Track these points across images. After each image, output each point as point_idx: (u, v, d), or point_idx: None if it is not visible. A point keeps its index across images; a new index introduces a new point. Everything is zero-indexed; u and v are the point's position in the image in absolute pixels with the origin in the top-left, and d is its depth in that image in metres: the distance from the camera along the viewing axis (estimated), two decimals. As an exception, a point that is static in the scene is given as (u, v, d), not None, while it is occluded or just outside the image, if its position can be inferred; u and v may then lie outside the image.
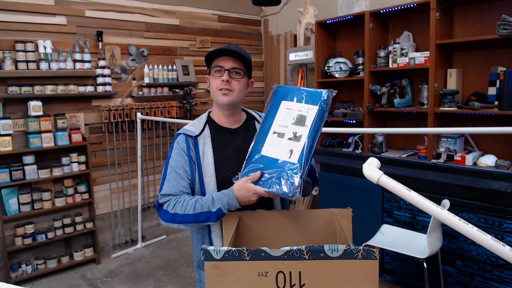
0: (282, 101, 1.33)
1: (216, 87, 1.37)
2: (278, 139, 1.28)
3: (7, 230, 3.27)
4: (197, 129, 1.41)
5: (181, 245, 4.10)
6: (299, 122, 1.28)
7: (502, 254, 0.86)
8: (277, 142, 1.28)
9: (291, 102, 1.32)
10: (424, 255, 2.35)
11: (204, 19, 4.52)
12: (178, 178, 1.35)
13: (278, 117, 1.31)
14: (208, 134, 1.40)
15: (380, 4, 3.46)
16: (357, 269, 0.94)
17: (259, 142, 1.31)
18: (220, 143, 1.40)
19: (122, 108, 3.80)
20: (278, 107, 1.33)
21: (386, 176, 1.07)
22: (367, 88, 3.27)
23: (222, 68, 1.36)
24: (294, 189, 1.19)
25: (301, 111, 1.29)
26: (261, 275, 0.95)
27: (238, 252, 0.94)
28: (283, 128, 1.29)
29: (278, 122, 1.31)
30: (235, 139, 1.42)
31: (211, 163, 1.36)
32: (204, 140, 1.39)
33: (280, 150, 1.26)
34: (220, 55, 1.36)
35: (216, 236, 1.34)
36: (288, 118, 1.30)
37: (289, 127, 1.28)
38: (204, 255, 0.94)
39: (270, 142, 1.29)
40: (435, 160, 2.82)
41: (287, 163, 1.23)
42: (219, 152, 1.39)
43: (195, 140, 1.39)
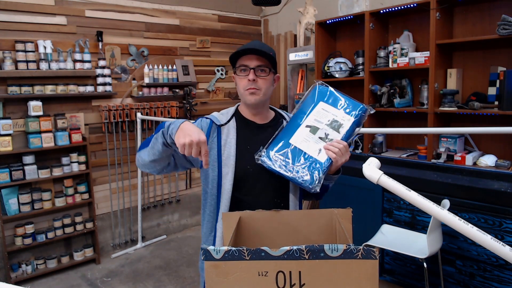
0: (320, 101, 1.35)
1: (243, 87, 1.37)
2: (309, 134, 1.32)
3: (7, 230, 3.27)
4: (224, 119, 1.41)
5: (181, 245, 4.10)
6: (333, 126, 1.32)
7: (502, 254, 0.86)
8: (308, 136, 1.31)
9: (329, 105, 1.34)
10: (424, 255, 2.35)
11: (204, 19, 4.52)
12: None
13: (314, 114, 1.34)
14: (234, 125, 1.40)
15: (380, 4, 3.46)
16: (357, 268, 0.94)
17: (289, 130, 1.34)
18: (245, 135, 1.40)
19: (122, 108, 3.80)
20: (315, 105, 1.35)
21: (386, 176, 1.07)
22: (367, 88, 3.27)
23: (247, 67, 1.35)
24: (317, 183, 1.26)
25: (337, 117, 1.32)
26: (261, 275, 0.95)
27: (238, 252, 0.93)
28: (317, 125, 1.32)
29: (313, 118, 1.33)
30: (261, 133, 1.41)
31: (232, 153, 1.35)
32: (228, 130, 1.39)
33: (309, 145, 1.30)
34: (244, 54, 1.35)
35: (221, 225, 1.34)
36: (323, 118, 1.33)
37: (322, 127, 1.32)
38: (204, 255, 0.94)
39: (300, 133, 1.32)
40: (435, 160, 2.82)
41: (314, 159, 1.28)
42: (243, 145, 1.38)
43: (219, 128, 1.39)
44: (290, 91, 4.21)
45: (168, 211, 4.43)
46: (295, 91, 4.15)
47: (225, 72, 4.74)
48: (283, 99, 4.65)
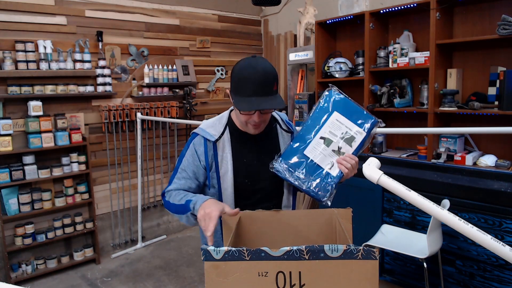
0: (335, 111, 1.35)
1: (246, 121, 1.32)
2: (324, 146, 1.34)
3: (7, 230, 3.27)
4: (216, 132, 1.37)
5: (181, 245, 4.10)
6: (346, 139, 1.34)
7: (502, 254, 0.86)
8: (322, 149, 1.34)
9: (343, 117, 1.35)
10: (424, 255, 2.35)
11: (204, 19, 4.52)
12: (187, 179, 1.38)
13: (328, 124, 1.35)
14: (228, 138, 1.38)
15: (380, 4, 3.46)
16: (357, 269, 0.94)
17: (304, 139, 1.35)
18: (240, 148, 1.39)
19: (122, 108, 3.80)
20: (330, 115, 1.35)
21: (386, 176, 1.07)
22: (367, 88, 3.27)
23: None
24: (330, 196, 1.31)
25: (350, 130, 1.34)
26: (261, 275, 0.95)
27: (238, 252, 0.93)
28: (331, 138, 1.34)
29: (327, 129, 1.34)
30: (254, 145, 1.41)
31: (230, 169, 1.35)
32: (223, 145, 1.37)
33: (323, 158, 1.33)
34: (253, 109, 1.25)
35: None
36: (337, 131, 1.34)
37: (336, 140, 1.34)
38: (204, 255, 0.94)
39: (315, 145, 1.34)
40: (435, 160, 2.82)
41: (327, 172, 1.32)
42: (239, 158, 1.38)
43: (214, 144, 1.36)
44: (290, 91, 4.21)
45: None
46: (295, 91, 4.15)
47: (225, 72, 4.74)
48: (283, 99, 4.64)
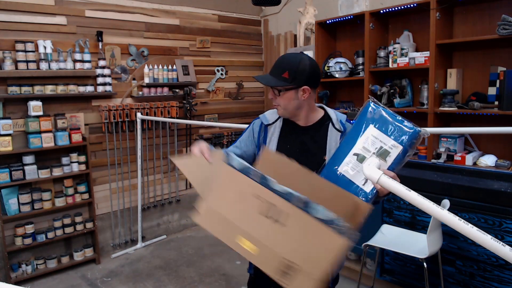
0: (370, 125, 1.32)
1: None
2: (356, 163, 1.31)
3: (7, 230, 3.27)
4: (272, 118, 1.59)
5: (181, 245, 4.10)
6: (381, 154, 1.29)
7: (502, 254, 0.86)
8: (355, 165, 1.31)
9: (378, 131, 1.30)
10: (424, 255, 2.35)
11: (204, 19, 4.52)
12: (237, 148, 1.63)
13: (362, 140, 1.32)
14: (279, 125, 1.57)
15: (380, 4, 3.46)
16: (326, 238, 1.02)
17: (339, 157, 1.35)
18: (287, 135, 1.56)
19: (122, 108, 3.80)
20: (365, 129, 1.32)
21: (386, 176, 1.07)
22: (367, 88, 3.27)
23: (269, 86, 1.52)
24: None
25: (385, 145, 1.28)
26: (255, 197, 1.09)
27: (249, 169, 1.10)
28: (364, 154, 1.31)
29: (361, 145, 1.31)
30: (301, 135, 1.55)
31: (273, 150, 1.53)
32: (274, 130, 1.57)
33: (356, 174, 1.31)
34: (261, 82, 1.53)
35: None
36: (371, 146, 1.30)
37: (370, 155, 1.30)
38: (226, 154, 1.18)
39: (348, 161, 1.33)
40: (435, 160, 2.82)
41: (360, 188, 1.30)
42: (283, 144, 1.55)
43: (266, 128, 1.59)
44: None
45: (168, 211, 4.43)
46: (295, 91, 4.15)
47: (225, 72, 4.74)
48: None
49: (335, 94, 3.85)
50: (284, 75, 1.45)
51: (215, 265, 3.61)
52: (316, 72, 1.49)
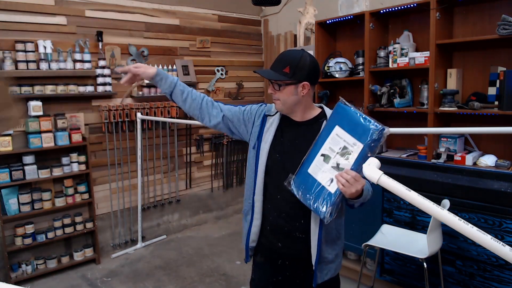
0: (336, 125, 1.34)
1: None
2: (323, 163, 1.34)
3: (7, 230, 3.27)
4: (273, 111, 1.63)
5: (181, 245, 4.10)
6: (343, 154, 1.31)
7: (502, 254, 0.86)
8: (322, 165, 1.35)
9: (343, 130, 1.32)
10: (424, 255, 2.35)
11: (204, 19, 4.52)
12: (230, 108, 1.70)
13: (329, 140, 1.35)
14: (278, 119, 1.60)
15: (380, 4, 3.46)
16: None
17: (310, 157, 1.39)
18: (282, 129, 1.59)
19: (122, 108, 3.80)
20: (331, 130, 1.35)
21: (386, 176, 1.07)
22: (367, 88, 3.27)
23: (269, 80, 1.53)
24: (328, 215, 1.31)
25: (348, 144, 1.30)
26: None
27: None
28: (329, 154, 1.34)
29: (328, 145, 1.35)
30: (295, 130, 1.58)
31: (269, 141, 1.57)
32: (272, 121, 1.60)
33: (322, 175, 1.34)
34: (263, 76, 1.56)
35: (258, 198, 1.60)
36: (336, 146, 1.33)
37: (335, 156, 1.33)
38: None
39: (316, 163, 1.36)
40: (435, 160, 2.82)
41: (326, 189, 1.33)
42: (278, 136, 1.58)
43: (265, 118, 1.63)
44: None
45: (168, 211, 4.42)
46: (295, 91, 4.15)
47: (225, 72, 4.74)
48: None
49: (335, 94, 3.85)
50: (285, 70, 1.47)
51: (215, 265, 3.61)
52: (316, 69, 1.52)
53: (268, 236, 1.61)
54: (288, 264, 1.60)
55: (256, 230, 1.61)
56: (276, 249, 1.59)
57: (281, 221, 1.56)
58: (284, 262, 1.60)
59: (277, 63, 1.51)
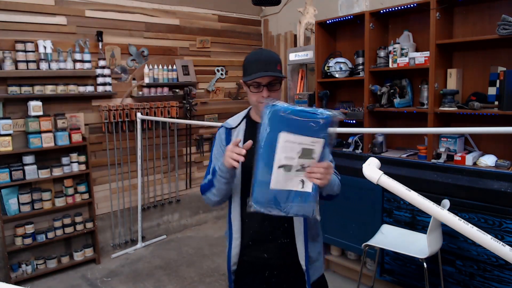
0: (281, 132, 1.20)
1: (257, 100, 1.47)
2: (286, 173, 1.25)
3: (7, 230, 3.27)
4: (234, 123, 1.57)
5: (181, 245, 4.10)
6: (305, 155, 1.24)
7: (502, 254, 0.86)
8: (286, 175, 1.25)
9: (292, 134, 1.20)
10: (424, 255, 2.35)
11: (204, 19, 4.52)
12: (218, 162, 1.54)
13: (280, 150, 1.22)
14: (243, 128, 1.55)
15: (380, 4, 3.46)
16: None
17: (263, 173, 1.24)
18: (250, 135, 1.49)
19: (122, 108, 3.80)
20: (276, 139, 1.20)
21: (386, 176, 1.07)
22: (367, 88, 3.27)
23: (260, 84, 1.44)
24: (315, 213, 1.28)
25: (305, 145, 1.22)
26: None
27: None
28: (289, 163, 1.24)
29: (281, 156, 1.22)
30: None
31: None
32: (238, 132, 1.55)
33: (291, 183, 1.26)
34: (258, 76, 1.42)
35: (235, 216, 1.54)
36: (292, 152, 1.22)
37: (295, 160, 1.24)
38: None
39: (277, 176, 1.24)
40: (435, 160, 2.82)
41: (301, 192, 1.27)
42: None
43: (230, 131, 1.56)
44: (290, 91, 4.21)
45: (168, 211, 4.42)
46: (295, 91, 4.15)
47: (225, 72, 4.74)
48: (283, 99, 4.65)
49: (335, 94, 3.85)
50: (278, 68, 1.45)
51: (215, 265, 3.61)
52: None
53: (251, 251, 1.54)
54: (277, 273, 1.54)
55: (237, 250, 1.54)
56: (262, 262, 1.53)
57: (265, 229, 1.50)
58: (272, 272, 1.54)
59: (270, 63, 1.44)
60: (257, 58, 1.46)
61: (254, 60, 1.46)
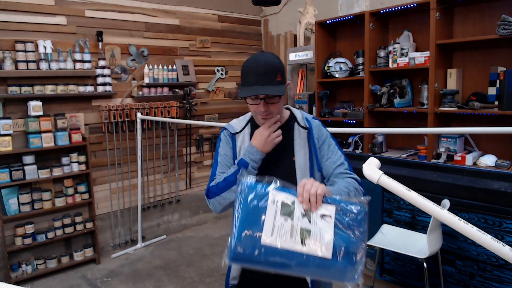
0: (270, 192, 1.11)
1: (255, 111, 1.39)
2: (285, 221, 1.08)
3: (7, 230, 3.27)
4: (238, 127, 1.49)
5: (181, 245, 4.10)
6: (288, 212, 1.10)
7: (502, 254, 0.86)
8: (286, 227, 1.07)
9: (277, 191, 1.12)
10: (424, 255, 2.35)
11: (204, 19, 4.52)
12: (228, 166, 1.44)
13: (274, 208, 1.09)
14: (248, 132, 1.46)
15: (380, 4, 3.46)
16: None
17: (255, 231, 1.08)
18: None
19: (122, 108, 3.80)
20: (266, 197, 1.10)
21: (386, 176, 1.07)
22: (367, 88, 3.27)
23: (257, 97, 1.33)
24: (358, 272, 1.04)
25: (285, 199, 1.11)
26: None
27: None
28: (288, 204, 1.10)
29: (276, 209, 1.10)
30: None
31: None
32: (243, 137, 1.46)
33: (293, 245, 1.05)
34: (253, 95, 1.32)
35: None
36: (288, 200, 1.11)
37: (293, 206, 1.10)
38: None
39: (272, 227, 1.07)
40: (435, 160, 2.82)
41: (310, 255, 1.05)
42: None
43: (234, 137, 1.47)
44: (290, 91, 4.21)
45: (168, 211, 4.42)
46: (295, 91, 4.15)
47: (225, 72, 4.73)
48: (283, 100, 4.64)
49: (335, 94, 3.85)
50: (278, 79, 1.32)
51: (215, 265, 3.61)
52: None
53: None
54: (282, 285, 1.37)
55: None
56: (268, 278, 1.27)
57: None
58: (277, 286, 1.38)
59: (267, 75, 1.31)
60: (255, 68, 1.32)
61: (250, 70, 1.33)
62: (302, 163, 1.41)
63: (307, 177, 1.39)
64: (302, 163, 1.41)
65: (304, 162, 1.41)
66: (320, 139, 1.45)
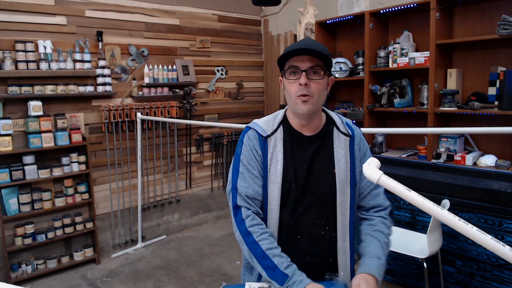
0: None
1: (294, 93, 1.20)
2: None
3: (7, 230, 3.27)
4: (269, 128, 1.28)
5: (181, 245, 4.10)
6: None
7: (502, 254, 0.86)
8: None
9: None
10: (424, 255, 2.35)
11: (204, 19, 4.52)
12: (254, 179, 1.26)
13: None
14: (281, 136, 1.27)
15: (380, 4, 3.46)
16: None
17: None
18: (292, 149, 1.27)
19: (122, 108, 3.80)
20: None
21: (386, 176, 1.06)
22: (367, 88, 3.27)
23: (298, 68, 1.19)
24: None
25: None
26: None
27: None
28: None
29: None
30: (308, 148, 1.28)
31: (279, 170, 1.24)
32: (275, 142, 1.26)
33: None
34: (295, 54, 1.18)
35: None
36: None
37: None
38: None
39: None
40: (435, 160, 2.82)
41: None
42: (289, 159, 1.26)
43: (265, 140, 1.26)
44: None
45: (168, 211, 4.42)
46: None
47: (225, 72, 4.74)
48: (283, 99, 4.65)
49: (335, 94, 3.85)
50: (326, 54, 1.18)
51: (215, 265, 3.61)
52: None
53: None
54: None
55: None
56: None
57: (309, 262, 1.27)
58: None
59: (314, 43, 1.19)
60: (297, 43, 1.21)
61: (293, 46, 1.20)
62: (342, 176, 1.26)
63: (347, 193, 1.27)
64: (343, 176, 1.26)
65: (345, 175, 1.26)
66: (361, 151, 1.32)
